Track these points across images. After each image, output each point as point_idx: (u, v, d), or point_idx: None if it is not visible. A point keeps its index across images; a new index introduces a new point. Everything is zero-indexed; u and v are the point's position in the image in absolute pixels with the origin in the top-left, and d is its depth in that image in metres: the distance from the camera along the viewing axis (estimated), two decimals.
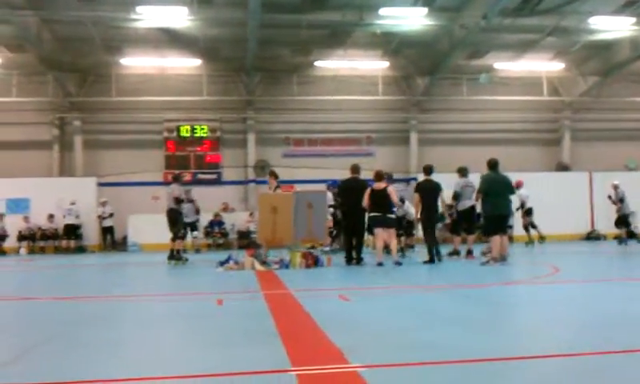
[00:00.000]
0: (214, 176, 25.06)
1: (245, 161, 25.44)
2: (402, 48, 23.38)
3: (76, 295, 9.21)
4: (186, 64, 24.14)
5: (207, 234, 22.83)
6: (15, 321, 6.85)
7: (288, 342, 4.74)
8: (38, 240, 22.88)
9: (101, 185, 23.81)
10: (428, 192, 13.13)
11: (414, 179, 25.16)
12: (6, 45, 21.96)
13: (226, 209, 23.85)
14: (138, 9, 18.81)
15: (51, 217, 22.56)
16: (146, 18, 19.47)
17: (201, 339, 5.29)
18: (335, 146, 25.73)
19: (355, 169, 13.18)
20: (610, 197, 19.42)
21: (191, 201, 17.22)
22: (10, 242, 22.34)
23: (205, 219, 22.15)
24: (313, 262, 12.16)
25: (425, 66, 24.50)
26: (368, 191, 12.28)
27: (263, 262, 12.10)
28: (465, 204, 14.19)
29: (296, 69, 25.03)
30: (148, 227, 20.85)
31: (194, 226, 19.90)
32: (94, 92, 24.60)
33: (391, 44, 22.77)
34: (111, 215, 22.71)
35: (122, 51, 22.79)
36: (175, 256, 14.29)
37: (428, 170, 13.56)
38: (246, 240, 22.08)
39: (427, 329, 5.43)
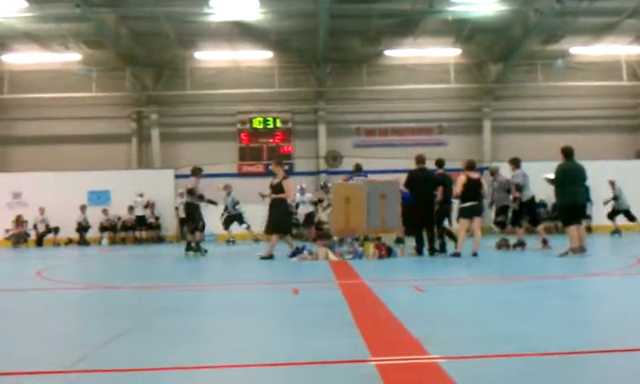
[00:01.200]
0: (286, 167, 25.25)
1: (316, 152, 25.60)
2: (475, 34, 22.96)
3: (156, 284, 9.52)
4: (258, 56, 24.43)
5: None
6: (101, 308, 7.13)
7: (365, 332, 4.77)
8: (119, 231, 23.72)
9: (178, 176, 24.44)
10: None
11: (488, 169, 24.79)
12: (86, 42, 22.78)
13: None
14: (211, 3, 19.19)
15: (131, 208, 23.31)
16: (219, 11, 19.85)
17: (278, 328, 5.38)
18: (406, 135, 25.56)
19: (422, 159, 13.02)
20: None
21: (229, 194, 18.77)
22: (92, 233, 23.26)
23: None
24: (386, 252, 12.15)
25: (498, 52, 24.00)
26: (463, 180, 12.14)
27: (336, 253, 12.18)
28: (528, 194, 13.96)
29: (366, 59, 24.97)
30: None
31: (240, 219, 20.53)
32: (169, 86, 25.25)
33: (463, 31, 22.40)
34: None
35: (196, 45, 23.29)
36: (193, 248, 14.59)
37: (440, 164, 13.56)
38: (318, 231, 22.26)
39: (506, 320, 5.36)
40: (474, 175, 12.33)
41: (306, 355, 4.19)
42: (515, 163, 14.20)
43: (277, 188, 12.80)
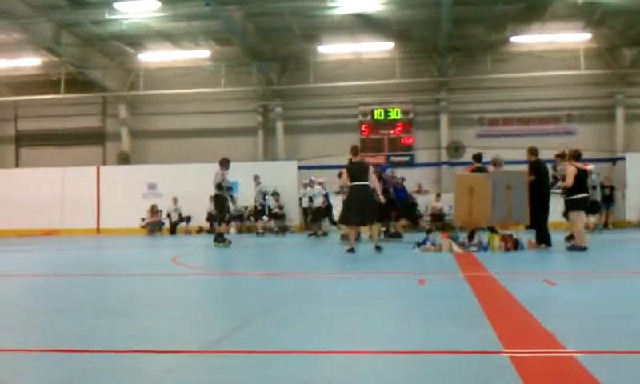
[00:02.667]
0: (406, 158, 25.25)
1: (438, 142, 25.32)
2: (607, 18, 21.77)
3: (282, 271, 9.83)
4: (379, 48, 24.43)
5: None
6: (233, 293, 7.47)
7: (496, 324, 4.72)
8: (245, 220, 24.56)
9: (301, 168, 24.98)
10: None
11: (622, 159, 23.52)
12: (214, 39, 23.74)
13: (419, 191, 23.92)
14: None
15: (310, 199, 23.95)
16: (342, 4, 20.05)
17: (406, 317, 5.43)
18: (532, 124, 24.76)
19: (536, 151, 12.68)
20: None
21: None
22: None
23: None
24: (513, 245, 11.87)
25: (632, 36, 22.69)
26: (575, 172, 11.70)
27: (461, 245, 12.04)
28: None
29: (490, 46, 24.34)
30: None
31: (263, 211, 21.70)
32: (293, 79, 25.82)
33: (594, 14, 21.31)
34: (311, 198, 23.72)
35: (319, 39, 23.65)
36: (218, 239, 14.91)
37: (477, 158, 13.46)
38: (439, 222, 22.08)
39: None
40: (581, 165, 11.87)
41: (436, 344, 4.22)
42: (561, 157, 13.38)
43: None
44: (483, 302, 5.88)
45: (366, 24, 22.14)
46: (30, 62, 25.32)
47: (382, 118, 25.53)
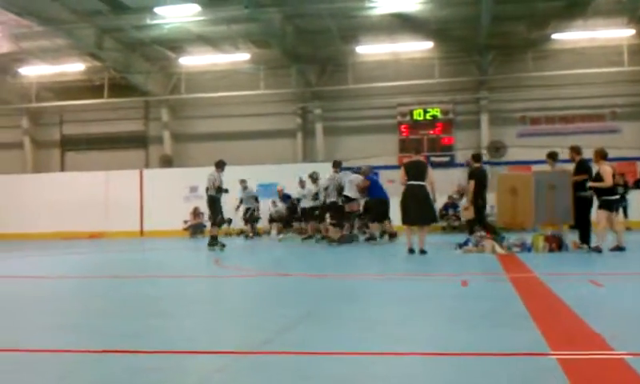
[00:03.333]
0: (447, 159, 25.06)
1: (478, 142, 25.05)
2: None
3: (325, 273, 9.86)
4: (418, 47, 24.29)
5: (442, 217, 22.88)
6: (276, 294, 7.52)
7: (542, 325, 4.67)
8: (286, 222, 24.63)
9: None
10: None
11: None
12: (254, 41, 23.94)
13: (460, 192, 23.69)
14: None
15: (298, 200, 24.14)
16: (380, 4, 20.01)
17: (450, 319, 5.40)
18: (576, 123, 24.32)
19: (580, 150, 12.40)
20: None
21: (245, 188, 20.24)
22: (262, 224, 24.36)
23: (440, 202, 22.20)
24: (557, 245, 11.69)
25: None
26: (611, 171, 11.47)
27: (504, 246, 11.91)
28: None
29: (531, 44, 23.99)
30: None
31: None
32: (332, 81, 25.86)
33: (638, 9, 20.88)
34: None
35: (358, 40, 23.65)
36: (212, 242, 14.84)
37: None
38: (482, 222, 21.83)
39: None
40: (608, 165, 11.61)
41: (481, 346, 4.19)
42: (552, 157, 13.10)
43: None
44: (528, 303, 5.82)
45: (404, 24, 22.06)
46: (74, 68, 25.89)
47: (421, 118, 25.39)
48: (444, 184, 22.27)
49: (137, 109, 28.09)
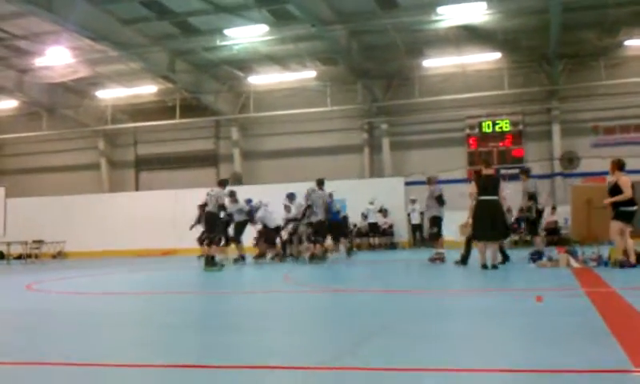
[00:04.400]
0: (517, 171, 24.51)
1: (550, 153, 24.50)
2: None
3: (393, 289, 9.82)
4: (486, 59, 24.02)
5: (514, 231, 22.43)
6: (344, 310, 7.53)
7: (624, 342, 4.52)
8: (354, 237, 24.70)
9: (407, 184, 24.87)
10: None
11: None
12: (320, 59, 24.19)
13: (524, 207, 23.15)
14: (439, 10, 19.31)
15: (364, 216, 24.20)
16: (447, 17, 19.91)
17: (526, 335, 5.30)
18: None
19: None
20: None
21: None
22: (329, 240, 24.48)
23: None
24: (636, 259, 11.26)
25: None
26: (630, 182, 11.08)
27: (579, 260, 11.59)
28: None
29: (603, 51, 23.40)
30: (454, 224, 21.11)
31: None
32: (398, 95, 25.83)
33: None
34: (421, 213, 23.64)
35: (424, 53, 23.57)
36: (209, 262, 14.17)
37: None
38: (555, 236, 21.32)
39: None
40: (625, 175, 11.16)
41: (561, 362, 4.09)
42: (526, 173, 14.27)
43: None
44: (607, 319, 5.64)
45: (471, 35, 21.87)
46: (148, 90, 26.77)
47: (490, 130, 25.05)
48: (516, 197, 21.89)
49: (208, 128, 28.76)
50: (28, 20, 20.10)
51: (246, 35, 21.15)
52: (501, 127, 24.99)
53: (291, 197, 18.58)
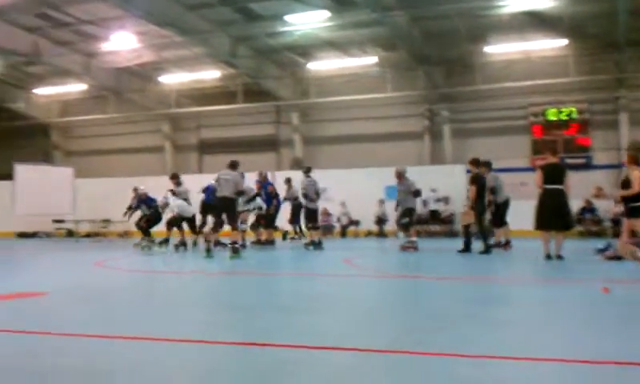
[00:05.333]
0: (582, 160, 24.03)
1: (617, 143, 23.84)
2: None
3: (454, 275, 9.83)
4: (551, 45, 23.46)
5: (579, 222, 21.99)
6: (404, 295, 7.63)
7: None
8: (414, 224, 24.65)
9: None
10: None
11: None
12: (381, 45, 24.08)
13: (598, 195, 22.61)
14: None
15: (424, 203, 24.10)
16: (511, 3, 19.55)
17: (593, 325, 5.29)
18: None
19: None
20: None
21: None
22: (390, 226, 24.52)
23: (575, 205, 21.35)
24: None
25: None
26: None
27: None
28: (502, 197, 14.91)
29: None
30: (518, 213, 20.81)
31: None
32: (459, 82, 25.51)
33: None
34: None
35: (486, 39, 23.17)
36: (235, 250, 13.48)
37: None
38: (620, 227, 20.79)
39: None
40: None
41: (625, 354, 4.10)
42: (487, 166, 14.68)
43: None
44: None
45: (535, 22, 21.39)
46: (210, 75, 27.20)
47: (555, 118, 24.51)
48: (580, 187, 21.45)
49: (269, 113, 29.05)
50: (95, 5, 20.63)
51: (306, 21, 21.23)
52: (566, 115, 24.44)
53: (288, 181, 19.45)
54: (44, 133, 32.75)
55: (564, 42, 22.84)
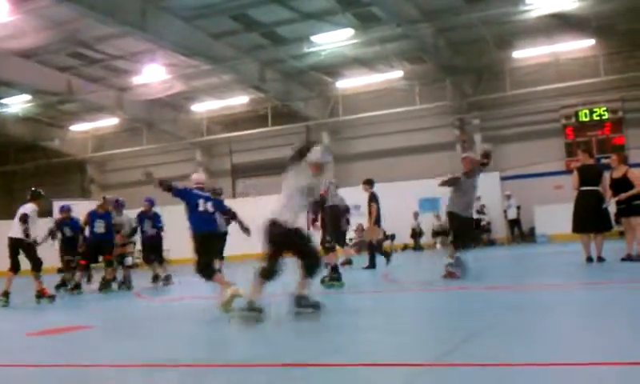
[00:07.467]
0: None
1: None
2: None
3: (495, 285, 9.74)
4: (579, 46, 23.23)
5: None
6: (449, 308, 7.58)
7: None
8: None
9: (503, 179, 24.44)
10: None
11: None
12: (407, 58, 24.14)
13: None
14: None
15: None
16: (536, 6, 19.45)
17: (637, 328, 5.22)
18: None
19: None
20: None
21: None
22: (426, 238, 24.44)
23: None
24: None
25: None
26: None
27: None
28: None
29: None
30: (554, 217, 20.56)
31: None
32: (489, 89, 25.38)
33: None
34: (518, 208, 23.24)
35: (513, 45, 23.06)
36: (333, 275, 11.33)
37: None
38: None
39: None
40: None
41: None
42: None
43: None
44: None
45: (562, 23, 21.24)
46: (240, 101, 27.57)
47: (588, 119, 24.22)
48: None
49: (299, 134, 29.17)
50: (125, 40, 21.14)
51: (332, 40, 21.40)
52: (599, 115, 24.12)
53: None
54: (80, 168, 33.47)
55: (592, 41, 22.62)
